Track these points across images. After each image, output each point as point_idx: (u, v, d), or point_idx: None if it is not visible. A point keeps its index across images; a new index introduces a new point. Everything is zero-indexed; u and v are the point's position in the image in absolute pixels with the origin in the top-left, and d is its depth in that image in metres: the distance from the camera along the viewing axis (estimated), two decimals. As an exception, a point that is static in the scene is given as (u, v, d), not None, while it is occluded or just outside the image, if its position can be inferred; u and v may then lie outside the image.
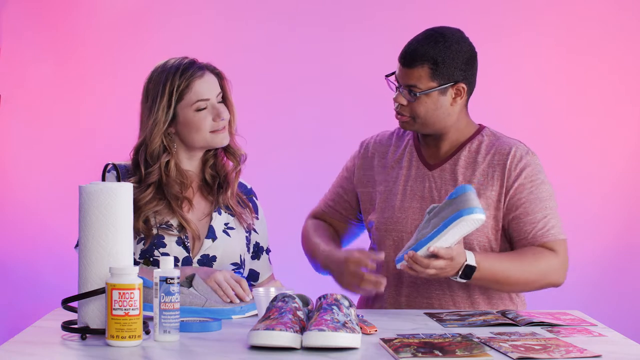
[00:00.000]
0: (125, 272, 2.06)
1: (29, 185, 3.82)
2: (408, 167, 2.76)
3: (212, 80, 2.67)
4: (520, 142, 2.76)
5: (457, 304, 2.70)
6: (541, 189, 2.68)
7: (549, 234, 2.66)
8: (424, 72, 2.63)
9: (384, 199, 2.76)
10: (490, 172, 2.69)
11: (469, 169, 2.71)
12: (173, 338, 2.11)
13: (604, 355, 2.01)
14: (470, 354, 1.98)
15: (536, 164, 2.71)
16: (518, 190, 2.67)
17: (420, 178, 2.74)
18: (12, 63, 3.80)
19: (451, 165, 2.72)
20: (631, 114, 3.79)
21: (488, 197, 2.67)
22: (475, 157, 2.72)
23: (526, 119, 3.78)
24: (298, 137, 3.77)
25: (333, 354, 1.99)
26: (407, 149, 2.79)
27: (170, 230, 2.66)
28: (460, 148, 2.73)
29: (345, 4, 3.83)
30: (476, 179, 2.69)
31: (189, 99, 2.64)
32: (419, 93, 2.64)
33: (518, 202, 2.67)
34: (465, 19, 3.79)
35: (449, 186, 2.70)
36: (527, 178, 2.68)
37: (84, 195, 2.14)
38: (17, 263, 3.83)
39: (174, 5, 3.83)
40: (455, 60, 2.65)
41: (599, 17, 3.77)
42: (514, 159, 2.68)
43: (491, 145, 2.73)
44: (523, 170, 2.68)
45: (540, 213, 2.66)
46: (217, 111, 2.65)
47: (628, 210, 3.80)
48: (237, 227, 2.73)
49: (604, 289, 3.77)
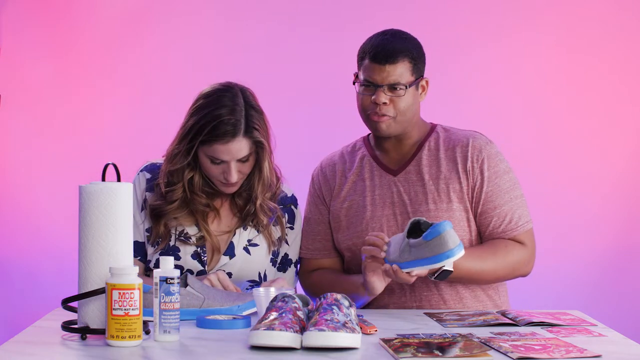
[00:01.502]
0: (125, 272, 2.06)
1: (28, 185, 3.82)
2: (371, 177, 2.76)
3: (238, 147, 2.57)
4: (477, 132, 2.78)
5: (447, 302, 2.71)
6: (504, 179, 2.71)
7: (517, 227, 2.69)
8: (406, 67, 2.65)
9: (353, 213, 2.75)
10: (453, 165, 2.71)
11: (433, 167, 2.72)
12: (173, 338, 2.11)
13: (604, 355, 2.01)
14: (470, 354, 1.98)
15: (496, 152, 2.73)
16: (482, 183, 2.69)
17: (386, 185, 2.74)
18: (12, 63, 3.80)
19: (415, 167, 2.73)
20: (631, 114, 3.79)
21: (456, 191, 2.69)
22: (437, 154, 2.73)
23: (526, 119, 3.78)
24: (298, 137, 3.77)
25: (333, 354, 1.99)
26: (363, 161, 2.79)
27: (189, 241, 2.65)
28: (420, 148, 2.75)
29: (345, 4, 3.83)
30: (442, 175, 2.70)
31: (206, 150, 2.60)
32: (408, 86, 2.64)
33: (484, 195, 2.69)
34: (465, 19, 3.80)
35: (417, 187, 2.71)
36: (490, 169, 2.70)
37: (84, 195, 2.14)
38: (17, 263, 3.83)
39: (174, 5, 3.83)
40: (423, 55, 2.71)
41: (599, 17, 3.78)
42: (474, 150, 2.71)
43: (448, 139, 2.75)
44: (484, 161, 2.70)
45: (506, 205, 2.69)
46: (228, 173, 2.59)
47: (628, 210, 3.80)
48: (261, 243, 2.71)
49: (604, 289, 3.77)
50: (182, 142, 2.61)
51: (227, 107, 2.58)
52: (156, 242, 2.66)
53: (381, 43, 2.66)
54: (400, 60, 2.64)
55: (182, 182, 2.64)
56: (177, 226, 2.66)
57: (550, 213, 3.70)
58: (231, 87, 2.64)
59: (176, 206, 2.64)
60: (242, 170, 2.62)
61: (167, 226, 2.65)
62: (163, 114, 3.66)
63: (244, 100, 2.60)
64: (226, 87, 2.63)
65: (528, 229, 2.71)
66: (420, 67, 2.69)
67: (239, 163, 2.60)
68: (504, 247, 2.68)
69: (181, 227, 2.66)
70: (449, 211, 2.68)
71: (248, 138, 2.58)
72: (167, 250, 2.65)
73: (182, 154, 2.62)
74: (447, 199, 2.69)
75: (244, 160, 2.60)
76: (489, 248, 2.68)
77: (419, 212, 2.69)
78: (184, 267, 2.65)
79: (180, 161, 2.62)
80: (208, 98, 2.61)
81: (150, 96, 3.80)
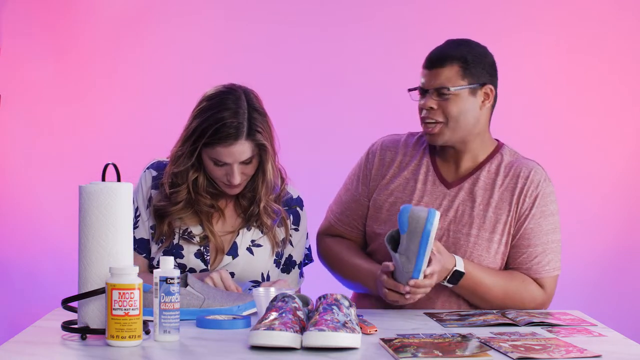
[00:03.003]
0: (125, 272, 2.06)
1: (29, 185, 3.82)
2: (424, 181, 2.72)
3: (240, 149, 2.58)
4: (539, 164, 2.73)
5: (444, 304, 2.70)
6: (548, 220, 2.67)
7: (542, 270, 2.66)
8: (454, 71, 2.62)
9: (395, 211, 2.67)
10: (507, 195, 2.67)
11: (487, 191, 2.68)
12: (173, 338, 2.11)
13: (604, 355, 2.01)
14: (470, 354, 1.98)
15: (551, 191, 2.69)
16: (526, 219, 2.65)
17: (436, 195, 2.70)
18: (12, 63, 3.80)
19: (470, 185, 2.69)
20: (631, 113, 3.79)
21: (504, 222, 2.66)
22: (495, 179, 2.68)
23: (526, 119, 3.78)
24: (298, 137, 3.77)
25: (333, 354, 1.99)
26: (423, 162, 2.74)
27: (192, 240, 2.65)
28: (480, 167, 2.70)
29: (345, 4, 3.83)
30: (494, 202, 2.66)
31: (209, 152, 2.60)
32: (452, 88, 2.60)
33: (523, 230, 2.65)
34: (466, 19, 3.80)
35: (466, 207, 2.67)
36: (539, 207, 2.66)
37: (84, 195, 2.14)
38: (17, 263, 3.83)
39: (174, 5, 3.83)
40: (482, 61, 2.66)
41: (599, 17, 3.77)
42: (531, 184, 2.66)
43: (510, 166, 2.70)
44: (537, 197, 2.66)
45: (540, 247, 2.66)
46: (231, 175, 2.60)
47: (628, 210, 3.80)
48: (265, 244, 2.71)
49: (604, 289, 3.77)
50: (186, 144, 2.61)
51: (230, 110, 2.57)
52: (160, 240, 2.66)
53: (434, 50, 2.65)
54: (448, 64, 2.61)
55: (187, 184, 2.64)
56: (181, 225, 2.67)
57: (550, 213, 3.70)
58: (234, 89, 2.63)
59: (181, 207, 2.65)
60: (245, 172, 2.62)
61: (171, 225, 2.66)
62: (163, 114, 3.66)
63: (247, 102, 2.60)
64: (229, 90, 2.63)
65: (553, 275, 2.67)
66: (476, 72, 2.63)
67: (242, 165, 2.60)
68: (522, 279, 2.64)
69: (185, 225, 2.67)
70: (489, 241, 2.64)
71: (251, 141, 2.58)
72: (171, 248, 2.65)
73: (186, 155, 2.62)
74: (492, 229, 2.65)
75: (246, 162, 2.60)
76: (508, 273, 2.65)
77: (461, 233, 2.65)
78: (187, 266, 2.65)
79: (184, 163, 2.62)
80: (211, 100, 2.61)
81: (150, 96, 3.80)
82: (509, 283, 2.62)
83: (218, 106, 2.58)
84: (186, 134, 2.62)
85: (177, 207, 2.64)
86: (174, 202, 2.65)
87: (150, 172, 2.72)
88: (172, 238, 2.66)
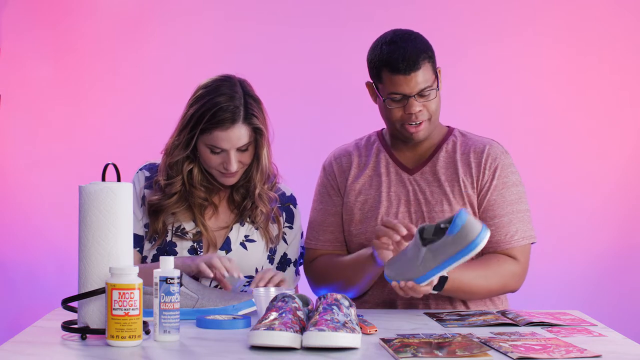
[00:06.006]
0: (125, 272, 2.06)
1: (28, 185, 3.82)
2: (387, 173, 2.76)
3: (238, 134, 2.60)
4: (494, 140, 2.77)
5: (453, 301, 2.70)
6: (511, 190, 2.70)
7: (512, 241, 2.67)
8: (428, 68, 2.63)
9: (368, 208, 2.74)
10: (467, 170, 2.70)
11: (450, 169, 2.71)
12: (173, 338, 2.11)
13: (604, 355, 2.01)
14: (470, 354, 1.98)
15: (510, 163, 2.72)
16: (488, 191, 2.68)
17: (401, 183, 2.74)
18: (12, 63, 3.80)
19: (431, 167, 2.73)
20: (631, 114, 3.79)
21: (469, 195, 2.69)
22: (454, 157, 2.73)
23: (526, 119, 3.78)
24: (298, 137, 3.77)
25: (333, 354, 1.99)
26: (380, 157, 2.78)
27: (185, 236, 2.66)
28: (437, 149, 2.74)
29: (345, 4, 3.83)
30: (459, 177, 2.70)
31: (206, 139, 2.61)
32: (435, 86, 2.63)
33: (486, 203, 2.68)
34: (466, 19, 3.80)
35: (433, 187, 2.70)
36: (500, 179, 2.69)
37: (84, 195, 2.14)
38: (17, 263, 3.83)
39: (174, 5, 3.83)
40: (430, 46, 2.67)
41: (599, 17, 3.78)
42: (488, 157, 2.70)
43: (465, 144, 2.74)
44: (496, 170, 2.69)
45: (505, 217, 2.67)
46: (228, 162, 2.61)
47: (628, 210, 3.80)
48: (258, 239, 2.72)
49: (604, 289, 3.77)
50: (182, 133, 2.63)
51: (225, 95, 2.61)
52: (153, 238, 2.67)
53: (397, 52, 2.60)
54: (422, 64, 2.60)
55: (182, 175, 2.65)
56: (174, 222, 2.67)
57: (551, 213, 3.70)
58: (229, 77, 2.68)
59: (175, 200, 2.65)
60: (242, 160, 2.63)
61: (164, 223, 2.66)
62: (163, 114, 3.64)
63: (242, 89, 2.64)
64: (224, 77, 2.67)
65: (523, 245, 2.68)
66: (435, 60, 2.67)
67: (239, 152, 2.62)
68: (496, 261, 2.66)
69: (178, 222, 2.67)
70: None
71: (247, 125, 2.60)
72: (164, 245, 2.66)
73: (182, 145, 2.64)
74: (463, 202, 2.68)
75: (243, 149, 2.62)
76: (481, 262, 2.65)
77: (434, 212, 2.68)
78: None
79: (179, 153, 2.64)
80: (207, 88, 2.65)
81: (150, 96, 3.80)
82: (487, 270, 2.63)
83: (214, 92, 2.62)
84: (182, 123, 2.64)
85: (172, 200, 2.65)
86: (168, 194, 2.65)
87: (144, 172, 2.74)
88: (165, 236, 2.66)
